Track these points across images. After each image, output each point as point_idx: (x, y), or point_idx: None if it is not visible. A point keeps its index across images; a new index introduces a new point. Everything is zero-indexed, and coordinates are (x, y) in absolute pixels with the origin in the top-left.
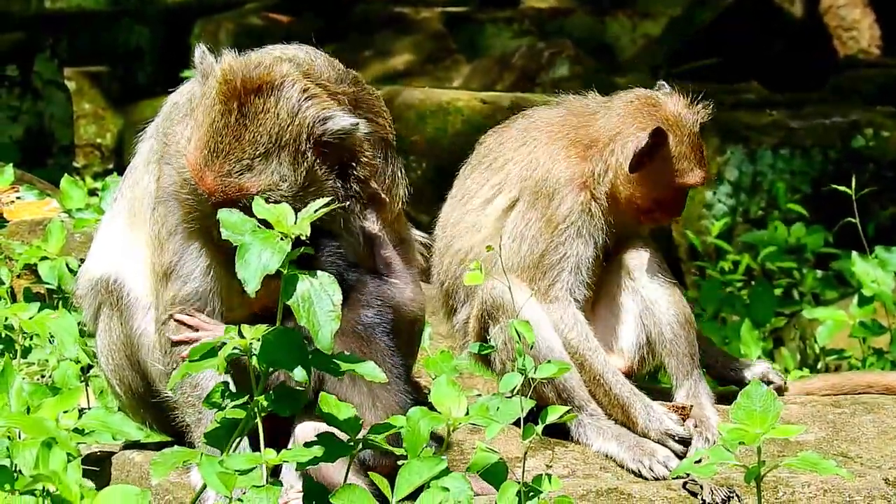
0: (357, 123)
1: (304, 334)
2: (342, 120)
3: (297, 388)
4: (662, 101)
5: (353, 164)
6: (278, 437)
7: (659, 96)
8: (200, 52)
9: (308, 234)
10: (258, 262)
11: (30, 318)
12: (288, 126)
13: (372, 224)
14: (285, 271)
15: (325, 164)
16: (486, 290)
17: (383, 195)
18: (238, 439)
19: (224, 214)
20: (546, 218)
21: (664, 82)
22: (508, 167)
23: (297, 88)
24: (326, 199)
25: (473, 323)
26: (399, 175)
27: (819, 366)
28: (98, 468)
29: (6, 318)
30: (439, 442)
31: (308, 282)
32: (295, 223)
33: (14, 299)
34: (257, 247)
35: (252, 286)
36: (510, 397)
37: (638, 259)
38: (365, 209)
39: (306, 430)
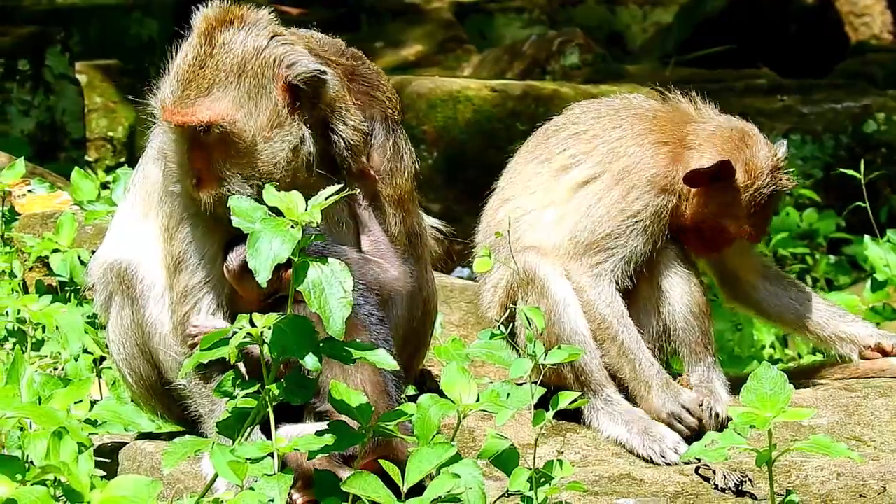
0: (325, 72)
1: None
2: (310, 64)
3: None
4: (756, 146)
5: (335, 126)
6: None
7: (758, 140)
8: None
9: (319, 222)
10: (269, 250)
11: (38, 310)
12: (252, 58)
13: (360, 202)
14: (296, 259)
15: (295, 111)
16: (519, 262)
17: (372, 170)
18: (249, 428)
19: (234, 202)
20: (620, 207)
21: (784, 141)
22: (595, 143)
23: (269, 31)
24: (337, 187)
25: (500, 293)
26: (403, 150)
27: (831, 351)
28: (110, 459)
29: (18, 311)
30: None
31: (319, 269)
32: (306, 210)
33: (26, 292)
34: (268, 235)
35: (263, 275)
36: (523, 383)
37: (662, 250)
38: (353, 183)
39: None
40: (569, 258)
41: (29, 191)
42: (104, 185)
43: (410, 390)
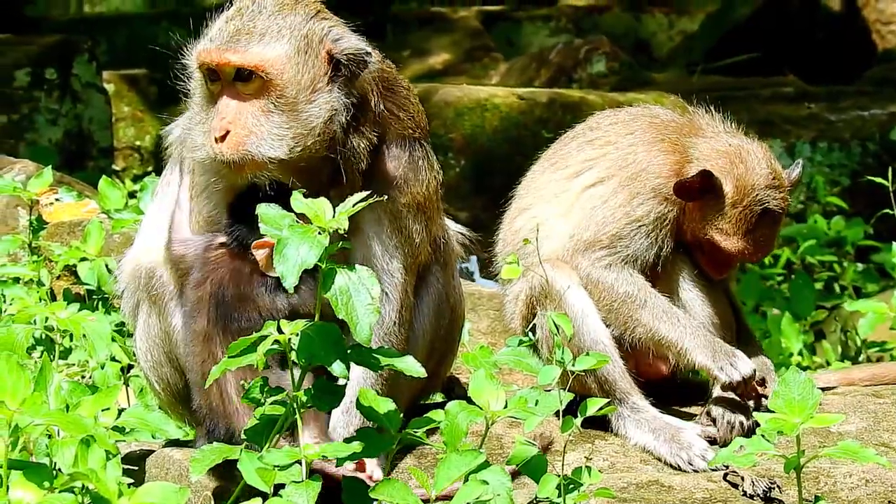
0: (370, 53)
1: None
2: (358, 42)
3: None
4: (751, 163)
5: (361, 118)
6: None
7: (756, 157)
8: None
9: (346, 229)
10: (297, 256)
11: (66, 317)
12: (303, 22)
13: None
14: (323, 265)
15: (333, 87)
16: (537, 275)
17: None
18: (277, 435)
19: (263, 209)
20: (624, 210)
21: (801, 163)
22: (608, 149)
23: (316, 7)
24: (364, 194)
25: (521, 306)
26: (420, 161)
27: (860, 358)
28: (137, 467)
29: (46, 319)
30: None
31: (346, 275)
32: (333, 217)
33: (54, 300)
34: (296, 241)
35: (290, 281)
36: (550, 390)
37: (678, 262)
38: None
39: None
40: (573, 255)
41: (56, 199)
42: (131, 194)
43: (438, 397)
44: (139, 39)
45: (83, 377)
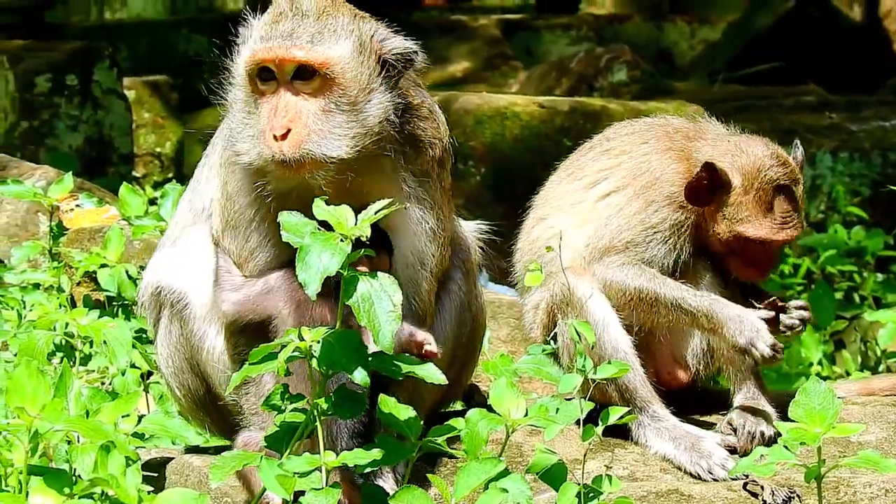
0: (417, 52)
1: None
2: (405, 41)
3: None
4: (751, 149)
5: (407, 116)
6: None
7: (755, 144)
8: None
9: (368, 236)
10: (319, 263)
11: (87, 324)
12: (354, 22)
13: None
14: (345, 273)
15: (384, 87)
16: (557, 284)
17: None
18: (298, 442)
19: (285, 217)
20: (640, 218)
21: (798, 143)
22: (623, 158)
23: (355, 10)
24: (387, 201)
25: (542, 315)
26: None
27: (880, 368)
28: (157, 473)
29: (66, 325)
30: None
31: (368, 283)
32: (356, 224)
33: (74, 307)
34: (318, 248)
35: (313, 288)
36: (571, 398)
37: (700, 269)
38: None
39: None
40: (590, 263)
41: (77, 206)
42: (152, 201)
43: (458, 405)
44: (160, 46)
45: (103, 384)
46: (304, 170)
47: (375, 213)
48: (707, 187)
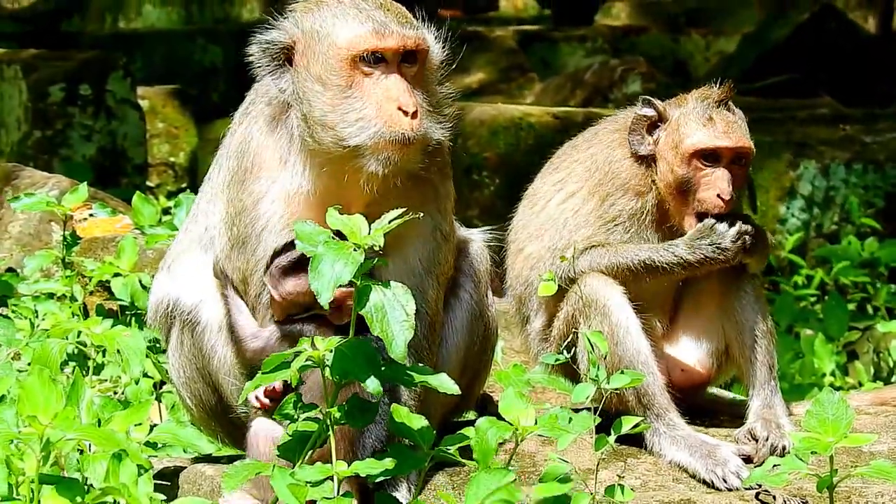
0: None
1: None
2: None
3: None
4: (684, 94)
5: None
6: None
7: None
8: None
9: (381, 246)
10: (331, 272)
11: (100, 333)
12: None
13: None
14: (358, 282)
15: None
16: (579, 289)
17: None
18: (310, 452)
19: (298, 226)
20: (597, 214)
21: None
22: (573, 167)
23: None
24: (401, 210)
25: (560, 326)
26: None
27: (893, 379)
28: (169, 482)
29: (79, 334)
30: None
31: (381, 292)
32: (369, 234)
33: (87, 316)
34: (330, 257)
35: (326, 297)
36: (586, 407)
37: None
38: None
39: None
40: (558, 269)
41: (90, 215)
42: (165, 211)
43: (470, 415)
44: (175, 56)
45: (115, 393)
46: (412, 150)
47: (389, 221)
48: (647, 127)
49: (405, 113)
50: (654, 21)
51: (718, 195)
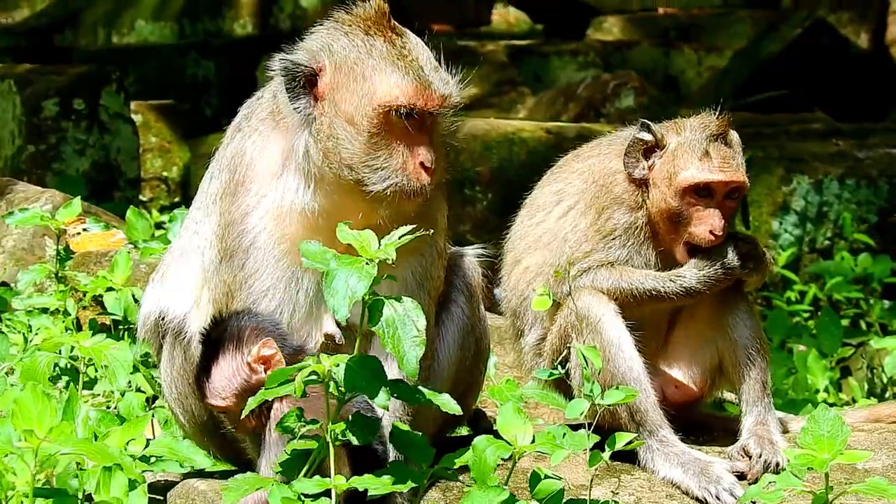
0: None
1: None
2: None
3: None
4: (679, 119)
5: None
6: None
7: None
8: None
9: (394, 259)
10: (346, 287)
11: (90, 346)
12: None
13: None
14: (367, 298)
15: None
16: (572, 304)
17: None
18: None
19: (305, 245)
20: (595, 228)
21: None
22: (572, 178)
23: None
24: (410, 227)
25: (553, 340)
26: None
27: (887, 395)
28: (162, 497)
29: (71, 348)
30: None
31: (393, 308)
32: (379, 248)
33: (80, 330)
34: (344, 272)
35: (343, 313)
36: (580, 423)
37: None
38: None
39: None
40: (561, 282)
41: (84, 229)
42: (158, 225)
43: (464, 430)
44: (168, 70)
45: (108, 407)
46: (423, 199)
47: (399, 237)
48: (644, 151)
49: (426, 169)
50: (645, 35)
51: (711, 231)
